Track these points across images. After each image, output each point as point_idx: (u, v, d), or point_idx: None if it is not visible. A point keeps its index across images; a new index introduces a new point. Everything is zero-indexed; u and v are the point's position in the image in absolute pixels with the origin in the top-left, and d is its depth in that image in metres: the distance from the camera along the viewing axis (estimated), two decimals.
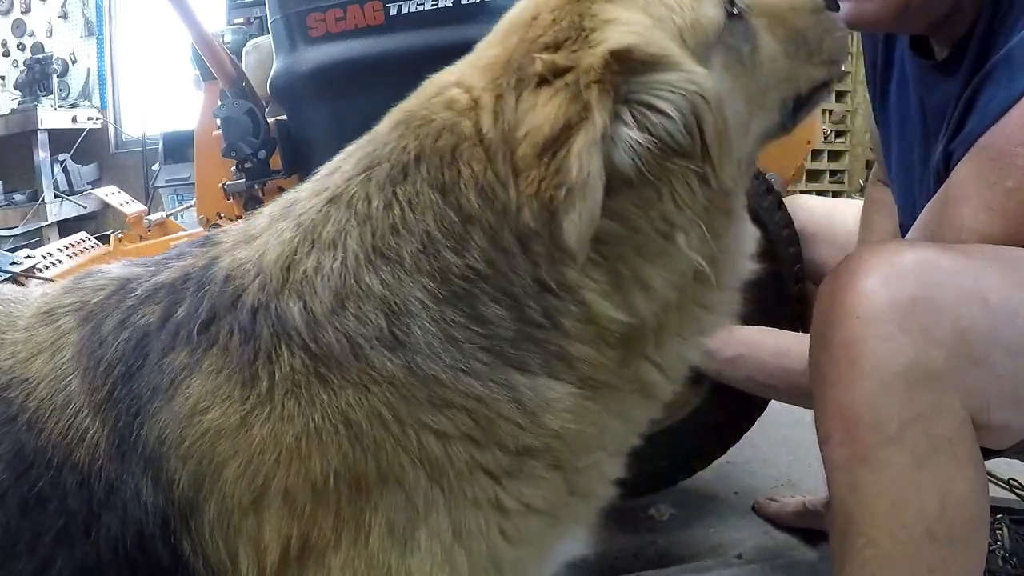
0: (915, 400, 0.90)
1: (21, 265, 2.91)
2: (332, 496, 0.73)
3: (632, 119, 0.74)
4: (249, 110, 1.77)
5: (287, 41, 1.64)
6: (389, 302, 0.74)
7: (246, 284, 0.77)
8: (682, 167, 0.76)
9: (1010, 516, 1.66)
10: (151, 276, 0.83)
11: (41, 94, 6.38)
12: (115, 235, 3.19)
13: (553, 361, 0.78)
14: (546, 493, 0.80)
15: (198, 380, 0.74)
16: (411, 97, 0.86)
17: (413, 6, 1.58)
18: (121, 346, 0.78)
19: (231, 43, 2.40)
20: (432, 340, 0.74)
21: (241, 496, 0.73)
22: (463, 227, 0.75)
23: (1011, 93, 0.99)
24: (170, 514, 0.73)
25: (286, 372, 0.73)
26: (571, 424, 0.78)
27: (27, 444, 0.77)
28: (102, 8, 6.67)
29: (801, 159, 2.07)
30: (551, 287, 0.76)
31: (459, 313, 0.75)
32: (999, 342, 0.92)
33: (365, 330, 0.73)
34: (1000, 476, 1.65)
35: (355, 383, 0.73)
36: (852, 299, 0.94)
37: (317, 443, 0.72)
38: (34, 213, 6.14)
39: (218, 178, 2.02)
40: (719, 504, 1.90)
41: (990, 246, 0.99)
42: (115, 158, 6.85)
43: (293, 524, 0.73)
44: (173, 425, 0.73)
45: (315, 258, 0.76)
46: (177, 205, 4.90)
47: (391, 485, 0.74)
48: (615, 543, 1.75)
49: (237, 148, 1.77)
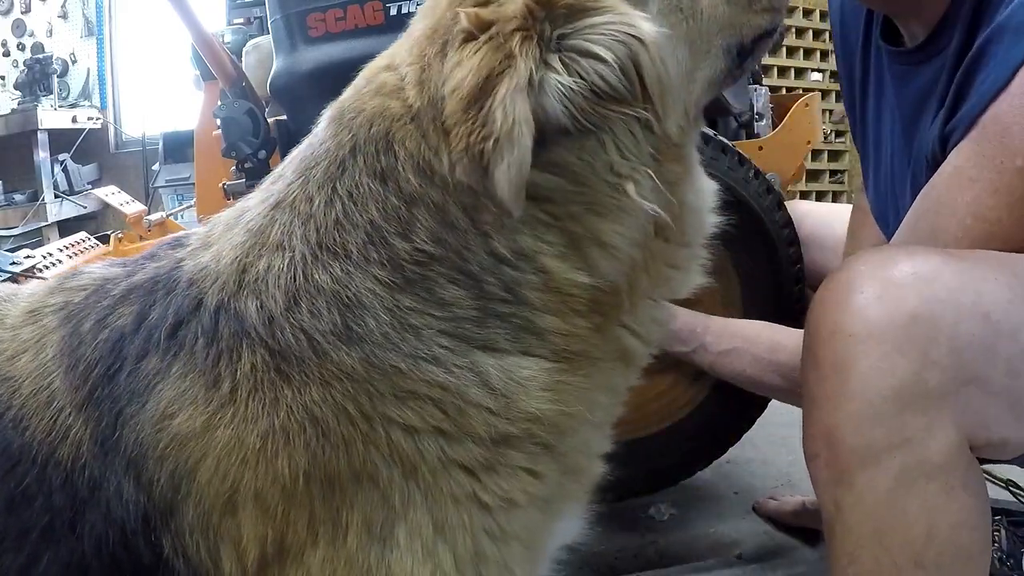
0: (904, 424, 0.87)
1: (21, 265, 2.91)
2: (304, 496, 0.72)
3: (562, 65, 0.72)
4: (249, 110, 1.77)
5: (287, 41, 1.64)
6: (341, 296, 0.74)
7: (206, 288, 0.77)
8: (622, 113, 0.74)
9: (1008, 518, 1.65)
10: (127, 277, 0.84)
11: (41, 94, 6.38)
12: (115, 235, 3.19)
13: (522, 335, 0.76)
14: (531, 486, 0.79)
15: (167, 385, 0.74)
16: (346, 90, 0.85)
17: (413, 6, 1.58)
18: (100, 346, 0.78)
19: (231, 43, 2.40)
20: (388, 330, 0.73)
21: (216, 498, 0.73)
22: (408, 210, 0.74)
23: (1008, 66, 0.94)
24: (151, 513, 0.74)
25: (247, 371, 0.73)
26: (550, 404, 0.76)
27: (13, 441, 0.77)
28: (102, 8, 6.67)
29: (801, 159, 2.07)
30: (506, 257, 0.75)
31: (415, 299, 0.74)
32: (998, 359, 0.89)
33: (320, 325, 0.73)
34: (999, 477, 1.65)
35: (317, 379, 0.73)
36: (845, 316, 0.90)
37: (283, 443, 0.72)
38: (34, 213, 6.14)
39: (218, 178, 2.02)
40: (719, 504, 1.90)
41: (995, 253, 0.94)
42: (115, 158, 6.85)
43: (268, 525, 0.73)
44: (148, 429, 0.74)
45: (266, 260, 0.76)
46: (177, 205, 4.91)
47: (365, 483, 0.73)
48: (615, 543, 1.75)
49: (237, 148, 1.77)
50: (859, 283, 0.91)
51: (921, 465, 0.87)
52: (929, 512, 0.88)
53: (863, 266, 0.93)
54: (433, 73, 0.75)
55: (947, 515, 0.88)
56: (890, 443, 0.87)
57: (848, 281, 0.93)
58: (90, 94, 6.71)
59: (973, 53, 1.00)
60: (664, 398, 1.56)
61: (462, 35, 0.72)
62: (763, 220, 1.52)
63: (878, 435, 0.88)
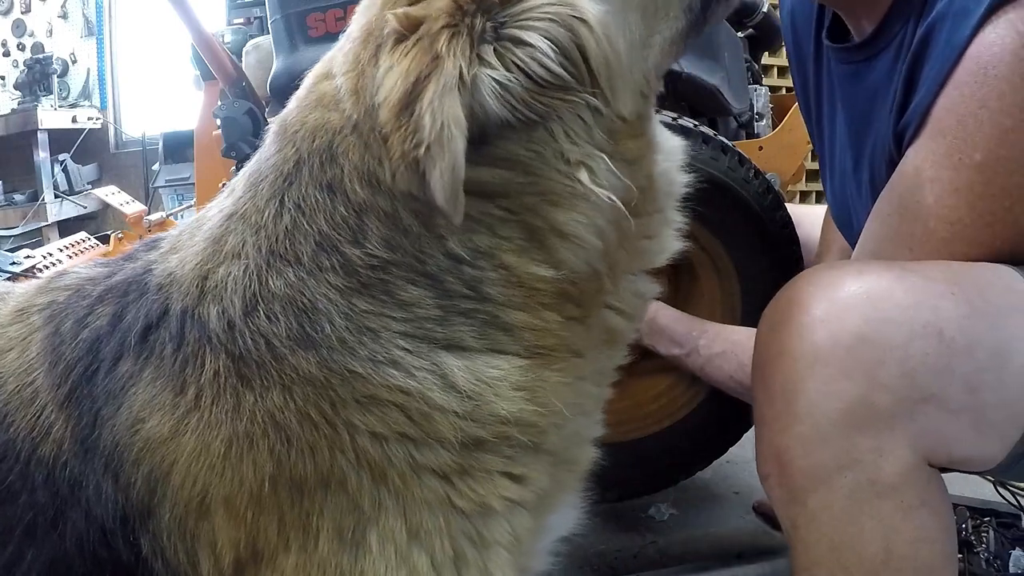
0: (853, 445, 0.86)
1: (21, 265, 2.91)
2: (271, 501, 0.72)
3: (496, 58, 0.69)
4: (249, 110, 1.77)
5: (287, 41, 1.64)
6: (296, 301, 0.73)
7: (172, 293, 0.78)
8: (568, 100, 0.71)
9: (997, 519, 1.65)
10: (106, 278, 0.84)
11: (41, 94, 6.38)
12: (115, 235, 3.20)
13: (490, 331, 0.74)
14: (510, 491, 0.77)
15: (140, 388, 0.75)
16: (290, 101, 0.84)
17: None
18: (79, 345, 0.79)
19: (231, 43, 2.40)
20: (344, 334, 0.72)
21: (189, 502, 0.73)
22: (358, 219, 0.74)
23: (953, 49, 0.91)
24: (129, 514, 0.74)
25: (210, 377, 0.73)
26: (524, 405, 0.75)
27: None
28: (102, 8, 6.67)
29: (801, 159, 2.07)
30: (464, 257, 0.73)
31: (372, 302, 0.73)
32: (954, 377, 0.86)
33: (277, 329, 0.73)
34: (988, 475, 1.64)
35: (277, 383, 0.72)
36: (790, 338, 0.89)
37: (247, 448, 0.72)
38: (34, 213, 6.15)
39: (218, 178, 2.02)
40: (719, 504, 1.90)
41: (957, 265, 0.92)
42: (115, 158, 6.85)
43: (240, 529, 0.73)
44: (123, 433, 0.74)
45: (224, 267, 0.76)
46: (177, 205, 4.91)
47: (334, 488, 0.72)
48: (615, 543, 1.75)
49: (237, 148, 1.77)
50: (805, 303, 0.90)
51: (873, 485, 0.86)
52: (885, 530, 0.87)
53: (810, 286, 0.92)
54: (367, 81, 0.73)
55: (904, 532, 0.87)
56: (839, 464, 0.86)
57: (794, 301, 0.91)
58: (90, 94, 6.72)
59: (917, 42, 0.97)
60: (664, 398, 1.55)
61: (392, 37, 0.70)
62: (763, 220, 1.52)
63: (827, 457, 0.87)
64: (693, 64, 1.73)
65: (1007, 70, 0.88)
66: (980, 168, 0.90)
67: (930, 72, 0.95)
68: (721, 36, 1.82)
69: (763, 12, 2.09)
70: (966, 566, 1.51)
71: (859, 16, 1.13)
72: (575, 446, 0.85)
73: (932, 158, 0.94)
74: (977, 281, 0.91)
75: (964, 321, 0.87)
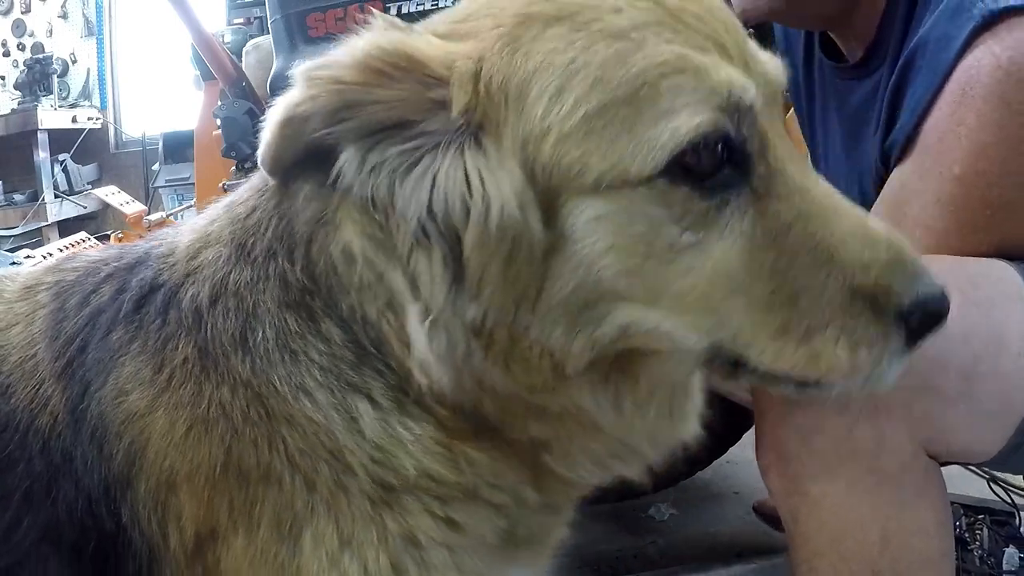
0: (853, 434, 0.87)
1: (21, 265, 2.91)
2: (223, 485, 0.73)
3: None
4: (249, 110, 1.77)
5: (287, 41, 1.64)
6: (246, 302, 0.74)
7: (168, 264, 0.80)
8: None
9: (991, 516, 1.65)
10: (117, 259, 0.86)
11: (41, 94, 6.38)
12: (115, 235, 3.20)
13: (400, 397, 0.72)
14: (440, 533, 0.74)
15: (127, 360, 0.76)
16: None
17: (413, 6, 1.58)
18: (81, 321, 0.81)
19: (231, 43, 2.40)
20: (271, 347, 0.72)
21: (161, 475, 0.75)
22: (291, 236, 0.73)
23: (936, 74, 0.94)
24: (111, 484, 0.76)
25: (180, 361, 0.74)
26: (443, 468, 0.72)
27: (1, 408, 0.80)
28: (102, 8, 6.67)
29: None
30: (368, 318, 0.71)
31: (300, 324, 0.72)
32: (950, 366, 0.87)
33: (227, 326, 0.73)
34: (984, 470, 1.64)
35: (227, 380, 0.73)
36: None
37: (204, 433, 0.73)
38: (34, 213, 6.15)
39: (218, 178, 2.02)
40: (719, 504, 1.90)
41: (947, 258, 0.93)
42: (115, 158, 6.85)
43: (200, 507, 0.74)
44: (109, 404, 0.76)
45: (207, 251, 0.78)
46: (177, 205, 4.91)
47: (273, 483, 0.73)
48: (615, 543, 1.75)
49: (237, 148, 1.77)
50: None
51: (873, 474, 0.87)
52: (884, 520, 0.88)
53: None
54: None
55: (902, 523, 0.88)
56: (839, 454, 0.87)
57: None
58: (90, 94, 6.72)
59: (900, 68, 1.01)
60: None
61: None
62: None
63: (828, 447, 0.88)
64: None
65: (984, 90, 0.91)
66: (959, 180, 0.93)
67: (913, 96, 0.98)
68: None
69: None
70: (960, 563, 1.51)
71: (849, 39, 1.17)
72: (529, 515, 0.79)
73: (917, 172, 0.98)
74: (969, 272, 0.92)
75: (958, 310, 0.86)
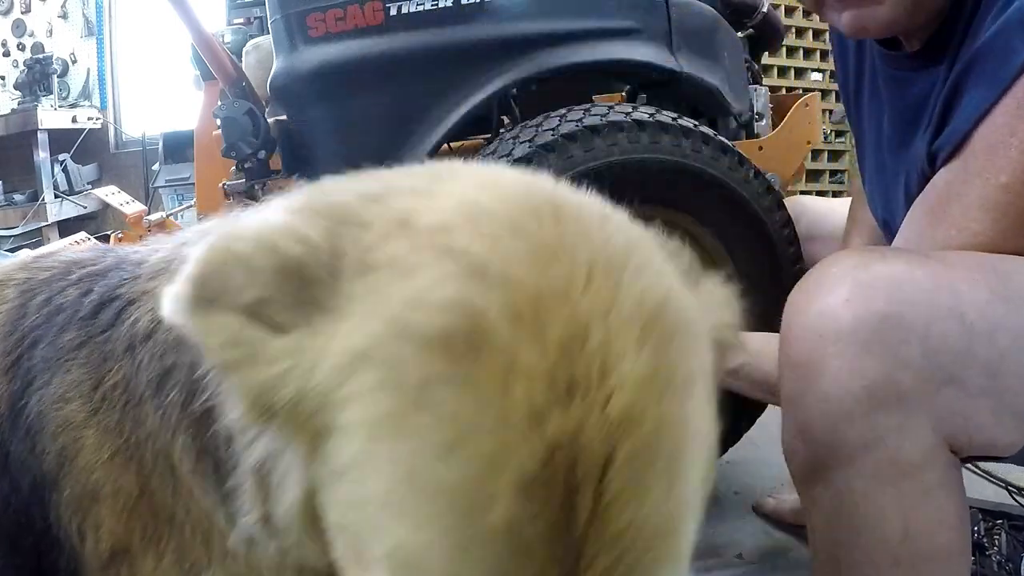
0: (877, 423, 0.87)
1: None
2: (137, 511, 0.74)
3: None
4: (249, 110, 1.77)
5: (287, 41, 1.64)
6: (167, 359, 0.70)
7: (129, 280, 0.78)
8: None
9: (1009, 521, 1.65)
10: (94, 262, 0.85)
11: (41, 94, 6.38)
12: (115, 235, 3.20)
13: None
14: None
15: (73, 367, 0.76)
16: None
17: (413, 6, 1.58)
18: (39, 319, 0.81)
19: (231, 43, 2.40)
20: (177, 413, 0.69)
21: (86, 485, 0.75)
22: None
23: (995, 84, 0.95)
24: (40, 482, 0.76)
25: (111, 385, 0.74)
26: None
27: None
28: (102, 8, 6.67)
29: (801, 159, 2.08)
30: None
31: (162, 369, 0.70)
32: (975, 361, 0.87)
33: (149, 367, 0.71)
34: (998, 477, 1.64)
35: (141, 424, 0.72)
36: (815, 317, 0.90)
37: (126, 462, 0.73)
38: (34, 213, 6.14)
39: (218, 178, 2.02)
40: (719, 504, 1.90)
41: (977, 254, 0.94)
42: (115, 158, 6.84)
43: (117, 523, 0.75)
44: (48, 405, 0.76)
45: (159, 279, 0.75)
46: (177, 205, 4.90)
47: (176, 524, 0.73)
48: None
49: (237, 148, 1.77)
50: (830, 284, 0.91)
51: (896, 464, 0.87)
52: (905, 511, 0.88)
53: (835, 268, 0.93)
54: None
55: (924, 514, 0.88)
56: (864, 442, 0.87)
57: (820, 282, 0.93)
58: (90, 94, 6.71)
59: (959, 71, 1.01)
60: None
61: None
62: (763, 220, 1.52)
63: (852, 434, 0.88)
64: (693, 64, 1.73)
65: None
66: (1005, 188, 0.94)
67: (970, 102, 0.99)
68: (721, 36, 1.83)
69: (763, 12, 2.10)
70: (979, 568, 1.51)
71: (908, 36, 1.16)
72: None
73: (962, 176, 0.98)
74: (999, 269, 0.93)
75: (986, 306, 0.89)
